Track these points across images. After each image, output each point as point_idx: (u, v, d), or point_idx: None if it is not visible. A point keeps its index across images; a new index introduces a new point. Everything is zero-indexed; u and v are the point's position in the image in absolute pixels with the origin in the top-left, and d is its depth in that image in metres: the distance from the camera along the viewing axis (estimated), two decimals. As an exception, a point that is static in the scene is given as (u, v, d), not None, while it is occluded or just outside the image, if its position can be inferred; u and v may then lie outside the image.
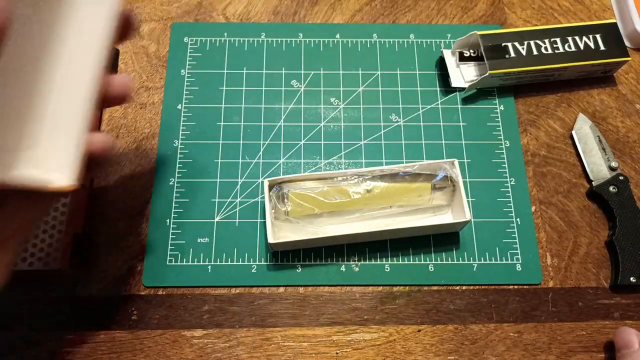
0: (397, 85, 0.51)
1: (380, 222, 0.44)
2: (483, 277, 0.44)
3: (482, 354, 0.41)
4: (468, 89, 0.50)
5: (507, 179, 0.47)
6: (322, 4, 0.55)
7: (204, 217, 0.45)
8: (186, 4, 0.54)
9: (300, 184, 0.44)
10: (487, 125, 0.49)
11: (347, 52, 0.52)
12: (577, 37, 0.50)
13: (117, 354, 0.40)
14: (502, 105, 0.50)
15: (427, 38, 0.53)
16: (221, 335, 0.41)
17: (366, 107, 0.50)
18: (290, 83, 0.51)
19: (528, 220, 0.46)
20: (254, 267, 0.44)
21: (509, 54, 0.48)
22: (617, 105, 0.51)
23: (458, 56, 0.51)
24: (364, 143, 0.48)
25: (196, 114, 0.49)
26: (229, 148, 0.48)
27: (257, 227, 0.45)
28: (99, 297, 0.42)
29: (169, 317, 0.42)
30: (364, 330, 0.42)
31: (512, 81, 0.50)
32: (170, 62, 0.51)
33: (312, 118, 0.49)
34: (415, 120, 0.49)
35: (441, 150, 0.48)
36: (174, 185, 0.46)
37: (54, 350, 0.40)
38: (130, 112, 0.49)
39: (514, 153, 0.48)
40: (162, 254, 0.44)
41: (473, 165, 0.48)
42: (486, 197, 0.46)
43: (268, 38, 0.53)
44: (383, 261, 0.44)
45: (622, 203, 0.45)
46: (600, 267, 0.45)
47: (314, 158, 0.48)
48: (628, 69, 0.52)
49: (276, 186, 0.43)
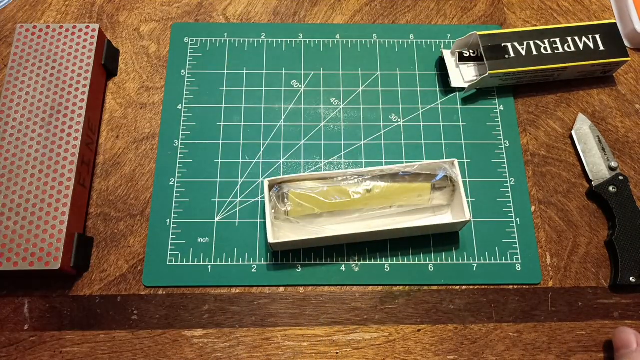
0: (397, 85, 0.51)
1: (380, 222, 0.44)
2: (483, 277, 0.44)
3: (482, 353, 0.41)
4: (468, 89, 0.50)
5: (506, 179, 0.47)
6: (322, 4, 0.55)
7: (204, 217, 0.45)
8: (186, 4, 0.54)
9: (300, 184, 0.44)
10: (486, 125, 0.49)
11: (347, 52, 0.52)
12: (577, 38, 0.50)
13: (117, 354, 0.40)
14: (501, 105, 0.50)
15: (427, 38, 0.53)
16: (221, 335, 0.41)
17: (366, 107, 0.50)
18: (290, 83, 0.51)
19: (528, 220, 0.46)
20: (254, 267, 0.44)
21: (509, 54, 0.48)
22: (616, 106, 0.51)
23: (458, 56, 0.51)
24: (364, 143, 0.49)
25: (196, 114, 0.49)
26: (229, 148, 0.48)
27: (257, 227, 0.45)
28: (99, 297, 0.42)
29: (169, 317, 0.42)
30: (363, 330, 0.42)
31: (511, 81, 0.50)
32: (171, 62, 0.51)
33: (312, 118, 0.49)
34: (415, 120, 0.49)
35: (441, 150, 0.48)
36: (174, 185, 0.46)
37: (54, 350, 0.40)
38: (130, 112, 0.49)
39: (514, 153, 0.48)
40: (162, 254, 0.44)
41: (473, 165, 0.48)
42: (486, 197, 0.46)
43: (268, 38, 0.53)
44: (383, 261, 0.44)
45: (622, 203, 0.45)
46: (600, 267, 0.45)
47: (314, 158, 0.48)
48: (628, 69, 0.52)
49: (276, 186, 0.43)
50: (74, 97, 0.45)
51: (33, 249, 0.39)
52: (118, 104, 0.50)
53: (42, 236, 0.40)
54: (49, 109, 0.44)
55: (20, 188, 0.41)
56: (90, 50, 0.47)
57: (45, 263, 0.39)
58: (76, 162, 0.42)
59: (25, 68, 0.45)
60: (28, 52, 0.46)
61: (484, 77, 0.48)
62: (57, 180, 0.42)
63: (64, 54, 0.46)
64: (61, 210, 0.41)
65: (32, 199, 0.41)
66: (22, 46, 0.46)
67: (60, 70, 0.45)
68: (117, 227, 0.45)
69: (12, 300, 0.42)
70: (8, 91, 0.44)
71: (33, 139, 0.43)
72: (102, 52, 0.48)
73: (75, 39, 0.47)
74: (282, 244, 0.42)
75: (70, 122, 0.44)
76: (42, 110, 0.44)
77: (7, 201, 0.41)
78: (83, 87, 0.45)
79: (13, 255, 0.39)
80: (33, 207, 0.40)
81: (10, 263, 0.39)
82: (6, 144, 0.42)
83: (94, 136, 0.47)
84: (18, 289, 0.42)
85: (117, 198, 0.46)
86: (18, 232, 0.40)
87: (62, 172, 0.42)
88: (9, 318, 0.41)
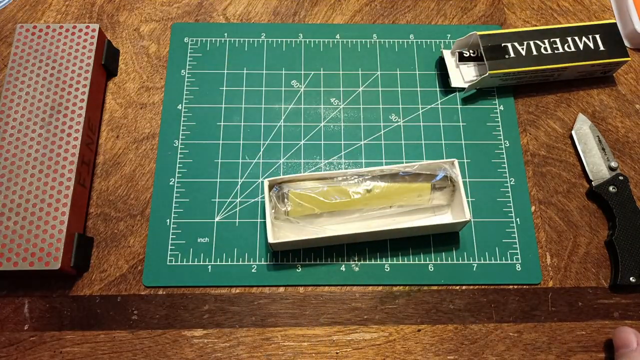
0: (397, 85, 0.51)
1: (380, 222, 0.44)
2: (483, 277, 0.44)
3: (482, 353, 0.41)
4: (468, 89, 0.50)
5: (506, 179, 0.47)
6: (322, 4, 0.55)
7: (204, 217, 0.45)
8: (186, 4, 0.54)
9: (300, 184, 0.44)
10: (486, 125, 0.49)
11: (347, 52, 0.52)
12: (577, 38, 0.50)
13: (117, 354, 0.40)
14: (501, 105, 0.50)
15: (427, 38, 0.53)
16: (221, 335, 0.41)
17: (366, 107, 0.50)
18: (290, 83, 0.51)
19: (528, 220, 0.46)
20: (254, 267, 0.44)
21: (509, 54, 0.48)
22: (616, 106, 0.51)
23: (458, 56, 0.51)
24: (364, 143, 0.49)
25: (196, 114, 0.49)
26: (229, 148, 0.48)
27: (257, 227, 0.45)
28: (99, 297, 0.42)
29: (169, 317, 0.42)
30: (363, 330, 0.42)
31: (511, 81, 0.50)
32: (171, 62, 0.51)
33: (312, 118, 0.49)
34: (415, 120, 0.49)
35: (441, 150, 0.48)
36: (174, 185, 0.46)
37: (54, 350, 0.40)
38: (130, 113, 0.49)
39: (514, 153, 0.48)
40: (162, 254, 0.44)
41: (473, 165, 0.48)
42: (486, 197, 0.46)
43: (268, 38, 0.53)
44: (383, 261, 0.44)
45: (622, 203, 0.45)
46: (600, 267, 0.45)
47: (314, 158, 0.48)
48: (628, 69, 0.52)
49: (276, 186, 0.43)
50: (74, 97, 0.45)
51: (33, 249, 0.39)
52: (118, 104, 0.50)
53: (42, 236, 0.40)
54: (49, 109, 0.44)
55: (20, 188, 0.41)
56: (90, 50, 0.47)
57: (45, 263, 0.39)
58: (76, 162, 0.42)
59: (25, 68, 0.45)
60: (28, 52, 0.46)
61: (484, 77, 0.48)
62: (57, 180, 0.42)
63: (64, 54, 0.46)
64: (61, 210, 0.41)
65: (32, 198, 0.41)
66: (22, 46, 0.46)
67: (60, 70, 0.45)
68: (117, 227, 0.45)
69: (12, 300, 0.42)
70: (8, 91, 0.44)
71: (33, 139, 0.43)
72: (102, 52, 0.48)
73: (75, 39, 0.47)
74: (282, 244, 0.42)
75: (70, 122, 0.44)
76: (42, 110, 0.44)
77: (7, 201, 0.41)
78: (83, 87, 0.45)
79: (13, 255, 0.39)
80: (33, 207, 0.40)
81: (10, 263, 0.39)
82: (6, 144, 0.42)
83: (94, 136, 0.47)
84: (18, 289, 0.42)
85: (117, 198, 0.46)
86: (18, 232, 0.40)
87: (62, 172, 0.42)
88: (9, 318, 0.41)
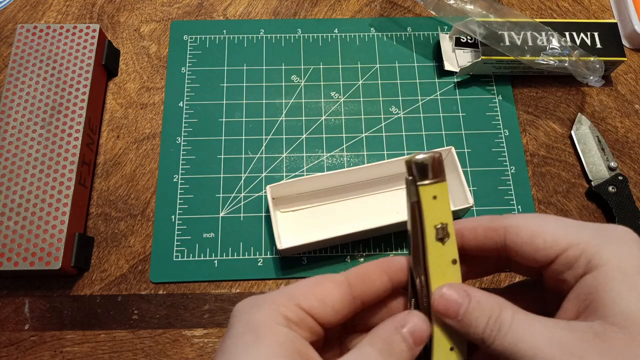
0: (396, 77, 0.51)
1: (382, 218, 0.44)
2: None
3: (482, 353, 0.41)
4: (460, 72, 0.50)
5: (507, 167, 0.48)
6: (322, 4, 0.55)
7: (209, 212, 0.45)
8: (187, 4, 0.54)
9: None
10: (485, 115, 0.50)
11: (345, 46, 0.53)
12: (575, 33, 0.50)
13: (117, 354, 0.40)
14: (499, 94, 0.51)
15: (425, 31, 0.54)
16: (222, 335, 0.41)
17: (366, 100, 0.50)
18: (290, 78, 0.51)
19: (529, 207, 0.46)
20: (260, 261, 0.44)
21: (504, 42, 0.49)
22: (616, 106, 0.51)
23: (455, 42, 0.52)
24: (365, 135, 0.49)
25: (198, 111, 0.49)
26: (232, 144, 0.48)
27: (262, 221, 0.45)
28: (100, 297, 0.42)
29: (169, 317, 0.42)
30: (364, 330, 0.42)
31: (505, 70, 0.50)
32: (171, 60, 0.51)
33: (313, 112, 0.50)
34: (415, 111, 0.50)
35: (441, 141, 0.49)
36: (178, 182, 0.46)
37: (54, 349, 0.40)
38: (130, 113, 0.49)
39: (513, 141, 0.49)
40: (168, 250, 0.44)
41: (473, 155, 0.48)
42: (487, 186, 0.47)
43: (267, 34, 0.53)
44: (388, 252, 0.44)
45: (621, 203, 0.45)
46: (600, 266, 0.45)
47: (316, 152, 0.48)
48: (627, 70, 0.52)
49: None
50: (74, 97, 0.45)
51: (34, 248, 0.39)
52: (118, 104, 0.50)
53: (42, 236, 0.40)
54: (50, 109, 0.44)
55: (21, 188, 0.41)
56: (90, 50, 0.47)
57: (45, 263, 0.39)
58: (77, 162, 0.42)
59: (25, 68, 0.45)
60: (28, 52, 0.46)
61: (476, 62, 0.49)
62: (57, 180, 0.42)
63: (65, 54, 0.46)
64: (62, 210, 0.41)
65: (32, 199, 0.41)
66: (22, 46, 0.46)
67: (60, 71, 0.46)
68: (118, 227, 0.45)
69: (12, 300, 0.42)
70: (8, 91, 0.44)
71: (33, 139, 0.43)
72: (103, 53, 0.48)
73: (75, 39, 0.47)
74: (290, 249, 0.41)
75: (70, 122, 0.44)
76: (42, 110, 0.44)
77: (7, 201, 0.41)
78: (83, 87, 0.45)
79: (14, 255, 0.39)
80: (34, 207, 0.40)
81: (10, 263, 0.39)
82: (6, 144, 0.43)
83: (95, 136, 0.47)
84: (18, 289, 0.42)
85: (117, 198, 0.46)
86: (19, 232, 0.40)
87: (63, 172, 0.42)
88: (10, 318, 0.41)
